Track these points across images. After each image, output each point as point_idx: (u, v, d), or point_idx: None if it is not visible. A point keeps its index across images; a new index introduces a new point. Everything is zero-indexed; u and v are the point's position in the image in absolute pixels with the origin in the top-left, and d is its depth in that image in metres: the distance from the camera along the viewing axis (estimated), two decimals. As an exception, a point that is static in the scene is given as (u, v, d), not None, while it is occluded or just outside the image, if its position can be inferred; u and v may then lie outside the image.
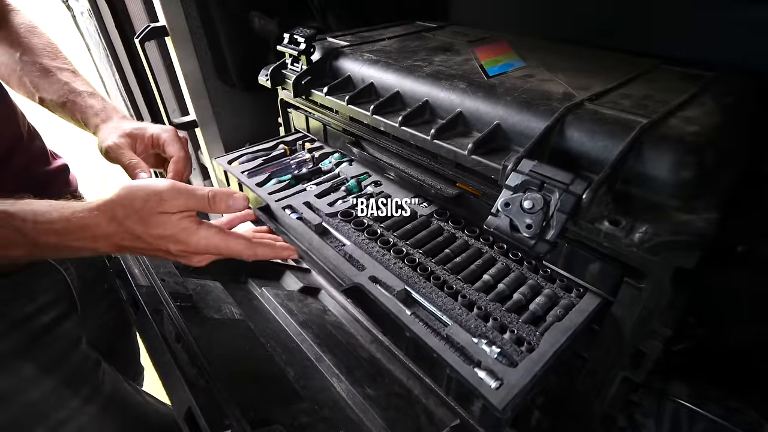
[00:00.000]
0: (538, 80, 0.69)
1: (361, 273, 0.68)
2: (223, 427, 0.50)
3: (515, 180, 0.51)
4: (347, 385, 0.87)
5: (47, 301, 0.74)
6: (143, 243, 0.55)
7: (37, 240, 0.51)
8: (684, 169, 0.47)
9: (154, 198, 0.54)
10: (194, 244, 0.57)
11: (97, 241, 0.53)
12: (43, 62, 0.77)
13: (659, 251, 0.46)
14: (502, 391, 0.50)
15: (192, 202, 0.56)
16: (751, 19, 0.73)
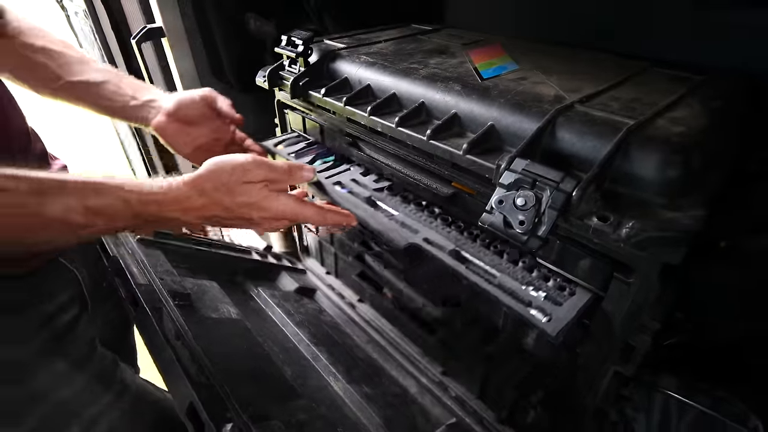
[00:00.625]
0: (530, 83, 0.72)
1: (415, 235, 0.73)
2: (225, 421, 0.51)
3: (508, 178, 0.53)
4: (344, 383, 0.89)
5: (64, 302, 0.76)
6: (229, 212, 0.62)
7: (140, 211, 0.57)
8: (670, 168, 0.50)
9: (239, 170, 0.62)
10: (274, 209, 0.64)
11: (188, 213, 0.60)
12: (69, 51, 0.83)
13: (646, 247, 0.48)
14: (552, 323, 0.56)
15: (272, 173, 0.64)
16: (740, 23, 0.76)
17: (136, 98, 0.85)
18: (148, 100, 0.86)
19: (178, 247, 0.98)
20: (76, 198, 0.53)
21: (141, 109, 0.86)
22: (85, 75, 0.82)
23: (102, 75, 0.84)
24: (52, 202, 0.52)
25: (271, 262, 1.29)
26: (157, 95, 0.88)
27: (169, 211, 0.59)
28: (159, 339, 0.60)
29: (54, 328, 0.74)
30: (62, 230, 0.53)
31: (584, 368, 0.65)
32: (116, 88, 0.84)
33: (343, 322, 1.19)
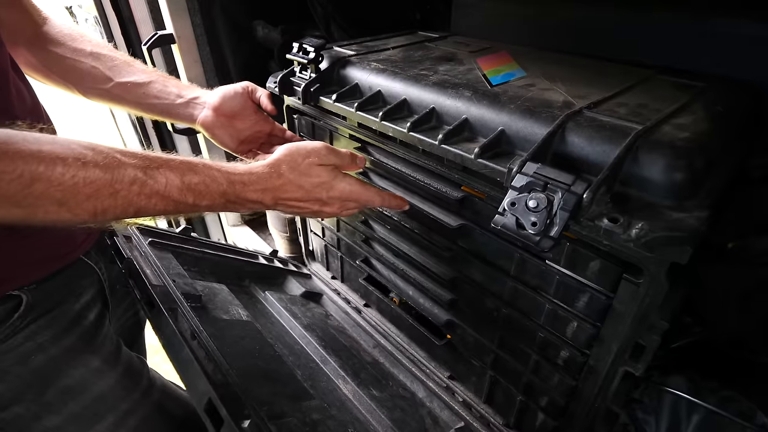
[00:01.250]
0: (539, 89, 0.74)
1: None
2: (243, 417, 0.53)
3: (520, 181, 0.56)
4: (353, 386, 0.91)
5: (88, 300, 0.79)
6: (303, 192, 0.69)
7: (226, 190, 0.62)
8: (676, 171, 0.52)
9: (314, 153, 0.70)
10: (343, 188, 0.72)
11: (267, 193, 0.66)
12: (116, 54, 0.89)
13: (654, 247, 0.50)
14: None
15: (339, 159, 0.73)
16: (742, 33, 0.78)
17: (182, 96, 0.91)
18: (193, 98, 0.92)
19: (187, 250, 1.00)
20: (176, 174, 0.57)
21: (187, 107, 0.92)
22: (133, 76, 0.87)
23: (148, 75, 0.89)
24: (156, 175, 0.56)
25: (278, 266, 1.31)
26: (201, 92, 0.93)
27: (251, 191, 0.64)
28: (177, 338, 0.62)
29: (83, 326, 0.77)
30: (155, 203, 0.56)
31: (594, 369, 0.67)
32: (162, 87, 0.90)
33: (350, 326, 1.20)
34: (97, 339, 0.79)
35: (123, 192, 0.53)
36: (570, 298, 0.67)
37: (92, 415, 0.75)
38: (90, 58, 0.85)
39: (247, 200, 0.65)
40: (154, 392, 0.84)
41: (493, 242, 0.76)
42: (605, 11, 0.96)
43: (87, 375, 0.75)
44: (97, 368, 0.77)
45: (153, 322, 0.68)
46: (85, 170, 0.50)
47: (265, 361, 0.77)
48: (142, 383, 0.83)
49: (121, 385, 0.79)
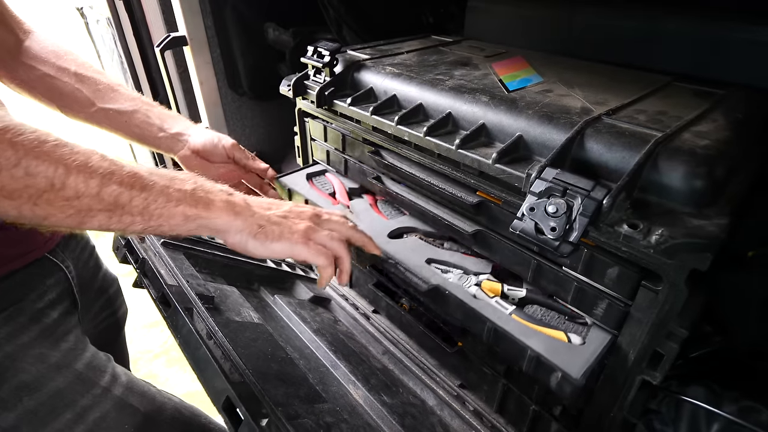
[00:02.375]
0: (556, 95, 0.76)
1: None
2: (261, 416, 0.55)
3: (539, 186, 0.57)
4: (364, 392, 0.92)
5: (53, 298, 0.81)
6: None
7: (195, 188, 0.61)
8: (696, 179, 0.53)
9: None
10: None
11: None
12: (101, 77, 0.90)
13: (674, 253, 0.51)
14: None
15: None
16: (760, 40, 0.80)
17: (164, 130, 0.94)
18: (175, 134, 0.96)
19: (199, 252, 1.02)
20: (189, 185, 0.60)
21: (168, 141, 0.95)
22: (116, 103, 0.89)
23: (132, 104, 0.91)
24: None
25: (286, 270, 1.32)
26: (185, 128, 0.97)
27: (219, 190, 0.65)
28: (194, 338, 0.63)
29: (44, 323, 0.79)
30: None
31: (611, 378, 0.68)
32: (146, 117, 0.92)
33: (359, 332, 1.22)
34: (59, 335, 0.80)
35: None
36: (587, 305, 0.68)
37: (49, 412, 0.76)
38: (74, 78, 0.86)
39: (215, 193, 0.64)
40: (116, 387, 0.84)
41: (509, 248, 0.77)
42: (621, 17, 0.98)
43: (44, 371, 0.76)
44: (56, 364, 0.77)
45: (169, 321, 0.69)
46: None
47: (277, 363, 0.78)
48: (104, 379, 0.83)
49: (81, 381, 0.80)
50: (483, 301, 0.76)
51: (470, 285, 0.81)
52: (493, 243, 0.80)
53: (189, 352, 0.64)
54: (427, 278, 0.80)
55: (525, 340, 0.66)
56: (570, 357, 0.64)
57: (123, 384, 0.85)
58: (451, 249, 0.92)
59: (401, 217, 1.00)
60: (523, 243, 0.75)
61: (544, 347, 0.65)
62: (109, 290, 1.07)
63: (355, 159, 1.06)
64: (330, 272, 0.70)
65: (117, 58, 1.64)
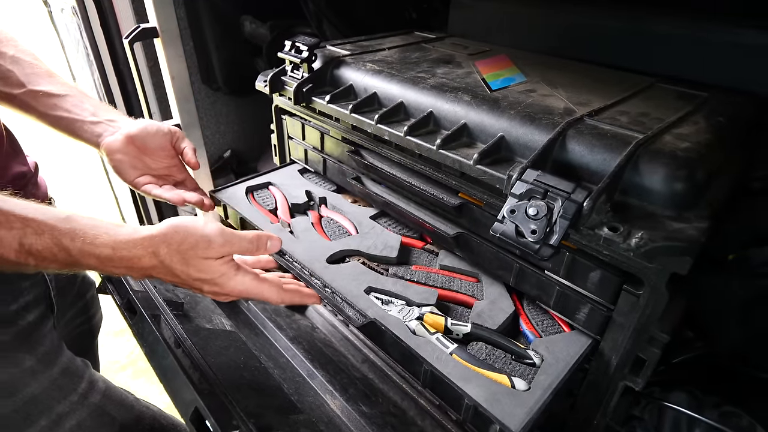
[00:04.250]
0: (539, 95, 0.77)
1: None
2: (232, 428, 0.55)
3: (520, 188, 0.59)
4: (342, 402, 0.92)
5: (29, 301, 0.80)
6: (178, 279, 0.62)
7: (79, 261, 0.58)
8: (676, 181, 0.55)
9: (203, 243, 0.62)
10: (230, 288, 0.65)
11: (133, 270, 0.61)
12: (38, 63, 0.86)
13: (654, 256, 0.53)
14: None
15: (236, 248, 0.65)
16: (743, 42, 0.83)
17: (96, 115, 0.88)
18: (108, 119, 0.88)
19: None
20: (14, 233, 0.54)
21: (97, 126, 0.87)
22: (49, 86, 0.85)
23: (67, 89, 0.87)
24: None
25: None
26: (119, 117, 0.90)
27: (112, 267, 0.60)
28: (161, 346, 0.63)
29: (19, 326, 0.78)
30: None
31: (594, 384, 0.70)
32: (78, 102, 0.87)
33: (338, 340, 1.21)
34: (34, 339, 0.79)
35: None
36: (569, 310, 0.70)
37: (23, 418, 0.75)
38: (9, 61, 0.83)
39: (109, 271, 0.62)
40: (93, 394, 0.84)
41: (491, 252, 0.78)
42: (606, 17, 1.01)
43: (19, 375, 0.75)
44: (31, 368, 0.76)
45: (135, 328, 0.69)
46: None
47: (250, 372, 0.78)
48: (81, 385, 0.83)
49: (57, 387, 0.79)
50: (423, 338, 0.72)
51: (411, 318, 0.76)
52: (475, 246, 0.81)
53: (155, 362, 0.64)
54: (364, 310, 0.76)
55: (463, 386, 0.63)
56: (511, 406, 0.60)
57: (100, 391, 0.84)
58: (395, 275, 0.87)
59: (345, 238, 0.96)
60: (505, 246, 0.76)
61: (483, 394, 0.62)
62: (86, 295, 1.06)
63: (334, 158, 1.07)
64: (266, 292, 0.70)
65: (83, 50, 1.61)
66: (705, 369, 0.71)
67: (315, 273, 0.84)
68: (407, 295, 0.81)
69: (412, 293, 0.81)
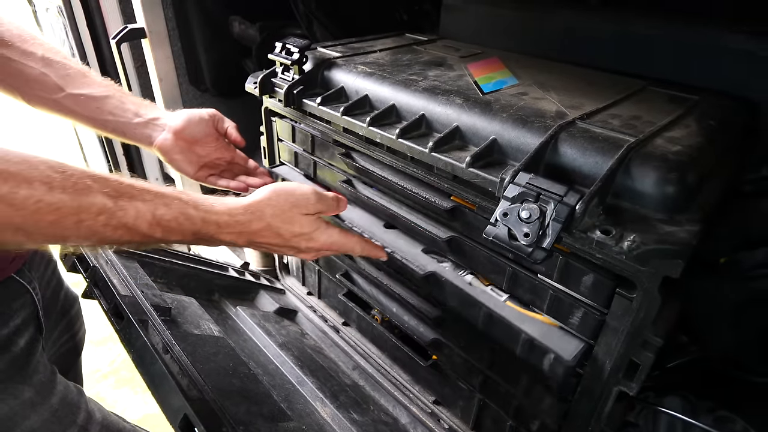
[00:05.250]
0: (531, 98, 0.79)
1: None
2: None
3: (513, 192, 0.59)
4: (332, 409, 0.93)
5: (18, 324, 0.78)
6: (280, 239, 0.69)
7: (201, 229, 0.62)
8: (667, 184, 0.56)
9: (303, 201, 0.70)
10: (322, 242, 0.72)
11: (242, 236, 0.66)
12: (70, 62, 0.86)
13: (647, 260, 0.54)
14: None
15: (325, 205, 0.74)
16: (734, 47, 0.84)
17: (140, 115, 0.89)
18: (152, 118, 0.90)
19: (154, 260, 1.01)
20: (148, 207, 0.57)
21: (145, 127, 0.89)
22: (87, 88, 0.84)
23: (104, 89, 0.87)
24: (127, 207, 0.55)
25: (249, 280, 1.32)
26: (161, 113, 0.92)
27: (226, 234, 0.64)
28: (149, 352, 0.63)
29: (13, 353, 0.75)
30: (120, 235, 0.56)
31: (588, 390, 0.70)
32: (119, 103, 0.87)
33: (327, 346, 1.22)
34: (30, 367, 0.77)
35: (88, 221, 0.52)
36: (563, 314, 0.71)
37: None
38: (41, 63, 0.82)
39: (220, 241, 0.65)
40: (93, 426, 0.83)
41: (484, 255, 0.79)
42: (598, 21, 1.02)
43: (18, 408, 0.74)
44: (30, 400, 0.75)
45: (122, 334, 0.69)
46: (51, 195, 0.49)
47: (239, 379, 0.78)
48: (80, 416, 0.82)
49: (57, 419, 0.78)
50: (478, 288, 0.82)
51: (466, 274, 0.86)
52: (468, 250, 0.82)
53: (143, 368, 0.64)
54: (424, 266, 0.87)
55: (519, 325, 0.73)
56: (562, 341, 0.70)
57: (98, 422, 0.84)
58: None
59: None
60: (498, 250, 0.77)
61: (537, 331, 0.72)
62: (70, 311, 1.04)
63: (324, 161, 1.07)
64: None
65: (68, 50, 1.61)
66: (699, 373, 0.72)
67: (375, 236, 0.96)
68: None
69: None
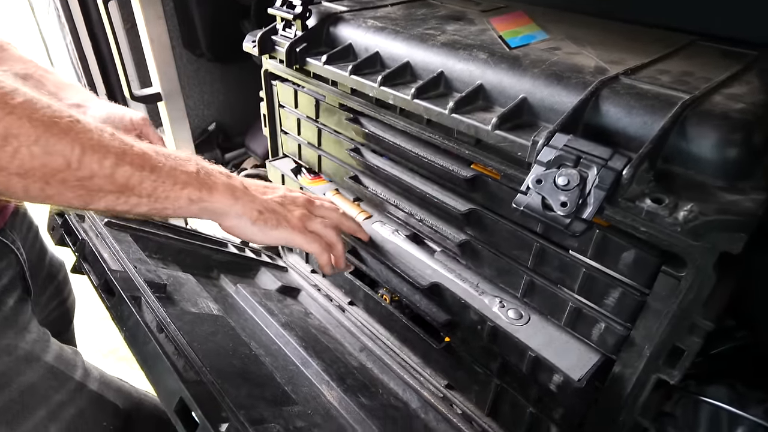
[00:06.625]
0: (565, 53, 0.73)
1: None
2: (221, 420, 0.51)
3: (548, 155, 0.54)
4: (339, 393, 0.89)
5: (6, 284, 0.79)
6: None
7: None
8: (730, 146, 0.51)
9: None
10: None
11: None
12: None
13: (704, 233, 0.49)
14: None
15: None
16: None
17: (60, 99, 0.87)
18: (74, 104, 0.89)
19: (149, 233, 0.97)
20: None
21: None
22: (4, 64, 0.84)
23: (24, 67, 0.86)
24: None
25: (250, 256, 1.28)
26: (84, 99, 0.91)
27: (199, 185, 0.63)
28: (141, 330, 0.59)
29: (3, 311, 0.77)
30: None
31: (621, 377, 0.66)
32: (38, 84, 0.87)
33: (333, 326, 1.19)
34: (20, 326, 0.78)
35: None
36: (597, 295, 0.66)
37: (21, 409, 0.75)
38: None
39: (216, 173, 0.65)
40: (91, 382, 0.84)
41: (508, 230, 0.74)
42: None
43: (12, 364, 0.75)
44: (24, 357, 0.76)
45: (113, 311, 0.65)
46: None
47: (240, 360, 0.75)
48: (77, 373, 0.83)
49: (53, 375, 0.79)
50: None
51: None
52: (489, 224, 0.77)
53: (136, 348, 0.60)
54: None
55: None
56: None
57: (97, 378, 0.85)
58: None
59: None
60: (524, 223, 0.72)
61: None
62: (57, 276, 1.05)
63: (330, 128, 1.02)
64: (326, 258, 0.77)
65: (53, 11, 1.55)
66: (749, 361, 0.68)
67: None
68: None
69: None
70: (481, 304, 0.80)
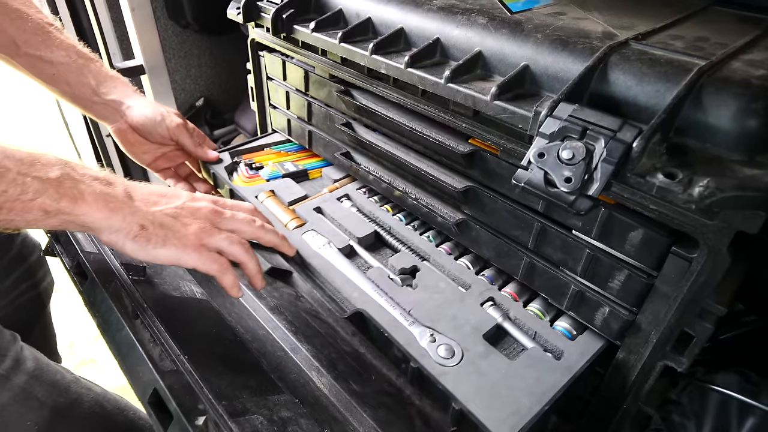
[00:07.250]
0: (570, 18, 0.69)
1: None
2: (198, 413, 0.49)
3: (551, 127, 0.51)
4: (329, 379, 0.87)
5: None
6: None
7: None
8: (750, 117, 0.47)
9: None
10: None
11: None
12: (29, 10, 0.83)
13: (720, 210, 0.46)
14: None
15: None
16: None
17: (99, 95, 0.90)
18: (111, 101, 0.92)
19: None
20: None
21: (103, 109, 0.92)
22: (45, 50, 0.83)
23: (65, 54, 0.85)
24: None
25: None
26: (123, 95, 0.93)
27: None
28: (114, 316, 0.57)
29: None
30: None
31: (624, 363, 0.64)
32: (78, 75, 0.87)
33: (325, 310, 1.16)
34: None
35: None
36: (601, 278, 0.64)
37: None
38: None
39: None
40: (18, 375, 0.79)
41: (507, 209, 0.71)
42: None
43: None
44: None
45: (85, 296, 0.62)
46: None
47: (223, 346, 0.72)
48: (4, 364, 0.78)
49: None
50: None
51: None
52: (488, 202, 0.74)
53: (109, 335, 0.58)
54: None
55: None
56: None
57: (28, 371, 0.80)
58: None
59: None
60: (525, 201, 0.69)
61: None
62: (28, 258, 1.02)
63: (320, 102, 0.98)
64: (229, 279, 0.70)
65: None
66: (760, 347, 0.65)
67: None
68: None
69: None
70: (407, 338, 0.74)
